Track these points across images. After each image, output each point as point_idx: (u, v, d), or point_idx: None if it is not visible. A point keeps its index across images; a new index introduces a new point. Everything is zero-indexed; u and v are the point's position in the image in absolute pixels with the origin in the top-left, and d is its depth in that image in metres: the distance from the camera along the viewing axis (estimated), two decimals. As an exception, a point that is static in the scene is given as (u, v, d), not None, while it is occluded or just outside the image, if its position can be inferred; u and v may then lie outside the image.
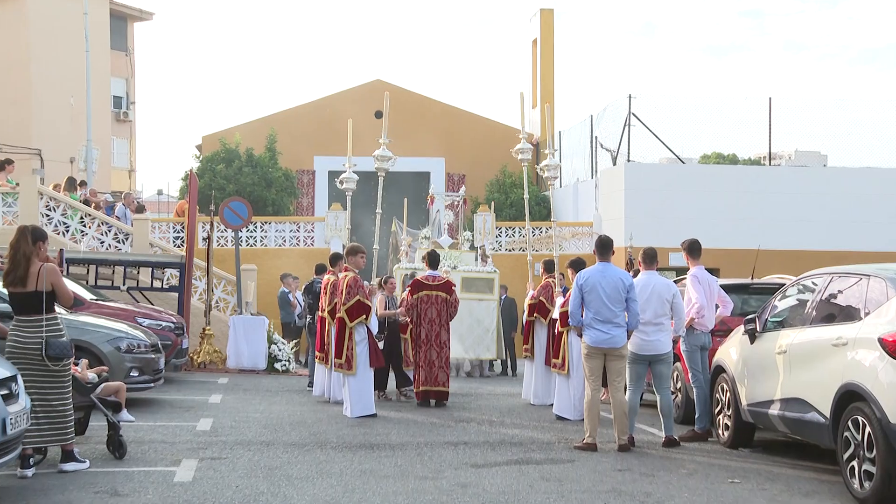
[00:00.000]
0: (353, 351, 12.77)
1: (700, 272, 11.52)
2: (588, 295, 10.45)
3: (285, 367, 19.44)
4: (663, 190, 25.77)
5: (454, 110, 34.18)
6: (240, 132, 31.64)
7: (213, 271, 20.65)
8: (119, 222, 22.94)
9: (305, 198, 32.80)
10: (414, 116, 32.21)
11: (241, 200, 22.02)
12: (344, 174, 16.63)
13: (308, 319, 16.58)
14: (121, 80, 41.90)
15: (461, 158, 33.22)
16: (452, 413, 13.40)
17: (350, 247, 13.43)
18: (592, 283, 10.44)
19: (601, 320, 10.38)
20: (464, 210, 23.06)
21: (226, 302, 22.47)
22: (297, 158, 32.31)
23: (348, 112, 26.93)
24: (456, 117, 33.73)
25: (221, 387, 16.34)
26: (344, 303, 12.82)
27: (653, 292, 10.73)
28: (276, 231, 26.87)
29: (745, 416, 10.43)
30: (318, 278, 16.42)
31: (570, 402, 13.01)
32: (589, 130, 29.33)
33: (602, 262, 10.61)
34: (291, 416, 12.75)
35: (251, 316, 20.10)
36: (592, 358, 10.49)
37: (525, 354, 15.02)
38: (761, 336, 10.27)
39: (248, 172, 29.91)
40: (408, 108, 31.98)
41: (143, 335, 13.31)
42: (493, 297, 20.11)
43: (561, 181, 31.13)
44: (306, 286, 17.21)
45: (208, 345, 19.61)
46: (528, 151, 15.82)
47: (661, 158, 29.02)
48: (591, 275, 10.51)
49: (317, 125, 32.54)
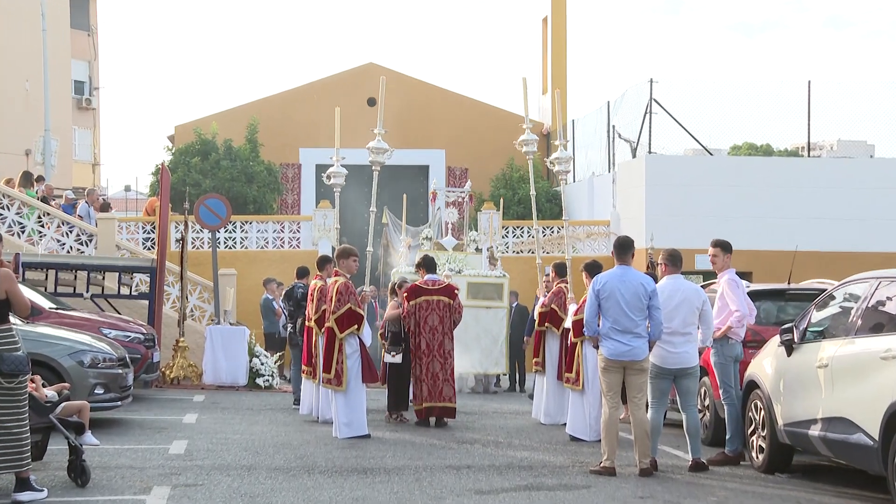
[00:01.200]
0: (343, 365, 12.76)
1: (735, 275, 11.52)
2: (605, 302, 10.43)
3: (268, 383, 19.44)
4: (688, 185, 25.77)
5: (455, 97, 34.16)
6: (217, 121, 31.62)
7: (187, 276, 20.65)
8: (82, 222, 22.93)
9: (290, 194, 32.78)
10: (411, 104, 32.20)
11: (219, 197, 22.03)
12: (332, 168, 16.62)
13: (289, 329, 16.58)
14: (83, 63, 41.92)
15: (464, 151, 33.20)
16: (454, 434, 13.38)
17: (340, 249, 13.43)
18: (610, 289, 10.42)
19: (620, 330, 10.36)
20: (469, 207, 23.04)
21: (202, 310, 22.47)
22: (281, 151, 32.29)
23: (338, 99, 26.93)
24: (457, 105, 33.71)
25: (197, 405, 16.33)
26: (333, 311, 12.83)
27: (683, 299, 10.72)
28: (258, 231, 26.86)
29: (782, 437, 10.41)
30: (298, 283, 16.42)
31: (586, 422, 12.99)
32: (605, 119, 29.32)
33: (621, 265, 10.60)
34: (275, 437, 12.72)
35: (230, 326, 20.10)
36: (610, 372, 10.46)
37: (535, 368, 15.02)
38: (799, 348, 10.24)
39: (227, 166, 29.90)
40: (404, 95, 31.96)
41: (109, 348, 13.29)
42: (502, 304, 20.11)
43: (574, 175, 31.09)
44: (286, 292, 17.22)
45: (182, 358, 19.61)
46: (534, 143, 15.79)
47: (685, 150, 29.00)
48: (608, 279, 10.49)
49: (303, 114, 32.54)
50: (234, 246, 26.55)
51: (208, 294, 22.36)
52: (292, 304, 16.37)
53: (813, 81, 27.14)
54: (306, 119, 32.40)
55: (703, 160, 27.32)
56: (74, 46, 40.06)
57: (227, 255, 25.50)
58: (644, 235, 23.85)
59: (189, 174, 29.56)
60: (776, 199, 25.93)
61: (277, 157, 32.15)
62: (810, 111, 27.15)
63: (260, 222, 27.17)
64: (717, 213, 25.32)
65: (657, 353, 10.65)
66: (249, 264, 25.68)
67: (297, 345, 16.13)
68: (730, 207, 25.62)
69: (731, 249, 11.69)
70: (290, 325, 16.47)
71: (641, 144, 26.92)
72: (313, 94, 32.92)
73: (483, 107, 34.36)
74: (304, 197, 32.82)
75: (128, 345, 15.75)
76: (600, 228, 27.50)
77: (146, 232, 26.09)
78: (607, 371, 10.49)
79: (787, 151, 34.46)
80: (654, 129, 26.71)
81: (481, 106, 34.39)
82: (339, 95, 30.07)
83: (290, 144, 32.67)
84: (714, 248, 11.66)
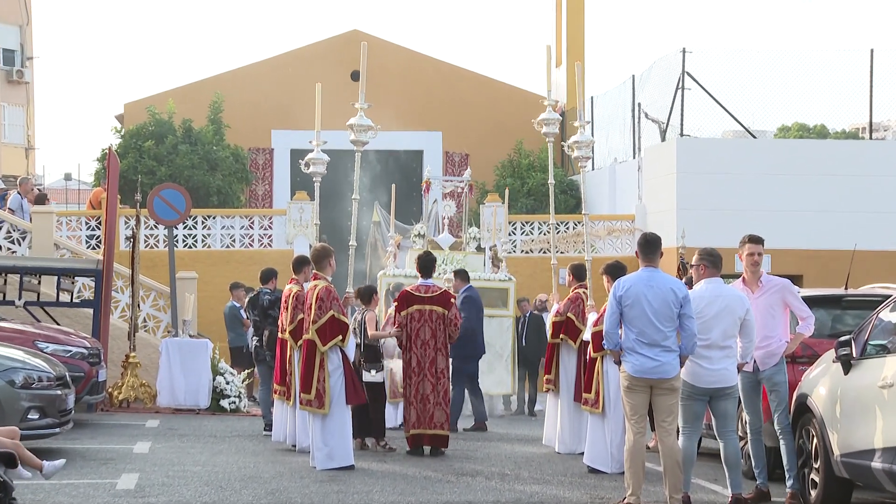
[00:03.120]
0: (325, 383, 12.79)
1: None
2: (630, 310, 10.44)
3: (235, 406, 19.48)
4: (727, 173, 25.78)
5: (454, 70, 34.19)
6: (174, 98, 31.67)
7: (139, 280, 20.67)
8: (13, 216, 22.94)
9: (261, 184, 32.83)
10: (402, 78, 32.25)
11: (177, 188, 22.05)
12: (311, 154, 16.65)
13: (255, 342, 16.60)
14: (13, 29, 41.83)
15: (463, 133, 33.25)
16: (452, 464, 13.40)
17: (318, 248, 13.46)
18: (635, 295, 10.43)
19: (646, 343, 10.37)
20: (469, 199, 23.07)
21: (156, 320, 22.48)
22: (249, 133, 32.33)
23: (317, 73, 26.93)
24: (457, 79, 33.74)
25: (150, 432, 16.35)
26: (314, 320, 12.86)
27: (724, 307, 10.74)
28: (223, 228, 26.89)
29: (839, 469, 10.41)
30: (265, 288, 16.46)
31: (607, 450, 13.02)
32: (630, 96, 29.37)
33: (647, 266, 10.61)
34: (243, 469, 12.74)
35: (190, 339, 20.12)
36: (635, 392, 10.48)
37: (548, 387, 15.03)
38: (859, 364, 10.25)
39: (186, 151, 29.94)
40: (394, 68, 32.01)
41: (46, 365, 13.28)
42: (507, 312, 20.14)
43: (594, 162, 31.13)
44: (250, 299, 17.25)
45: (133, 377, 19.63)
46: (556, 123, 15.84)
47: (724, 131, 29.02)
48: (633, 284, 10.50)
49: (276, 90, 32.56)
50: (195, 245, 26.57)
51: (164, 301, 22.36)
52: (257, 314, 16.39)
53: (876, 50, 27.19)
54: (280, 96, 32.43)
55: (745, 144, 27.36)
56: (2, 8, 40.02)
57: (186, 256, 25.52)
58: (674, 232, 23.87)
59: (141, 160, 29.60)
60: (831, 190, 25.96)
61: (246, 140, 32.20)
62: (873, 86, 27.19)
63: (225, 217, 27.19)
64: (761, 206, 25.34)
65: (690, 369, 10.65)
66: (213, 266, 25.70)
67: (263, 361, 16.17)
68: (776, 199, 25.64)
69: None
70: (256, 338, 16.50)
71: (672, 125, 26.96)
72: (288, 67, 32.95)
73: (486, 82, 34.39)
74: (278, 187, 32.87)
75: (68, 361, 15.74)
76: (623, 224, 27.53)
77: (90, 228, 26.10)
78: (632, 391, 10.50)
79: (844, 133, 34.52)
80: (687, 108, 26.78)
81: (484, 81, 34.42)
82: (318, 68, 30.11)
83: (261, 126, 32.71)
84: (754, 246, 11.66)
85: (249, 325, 20.40)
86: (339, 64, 31.65)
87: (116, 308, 21.99)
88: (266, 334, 16.03)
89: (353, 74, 31.70)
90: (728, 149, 26.81)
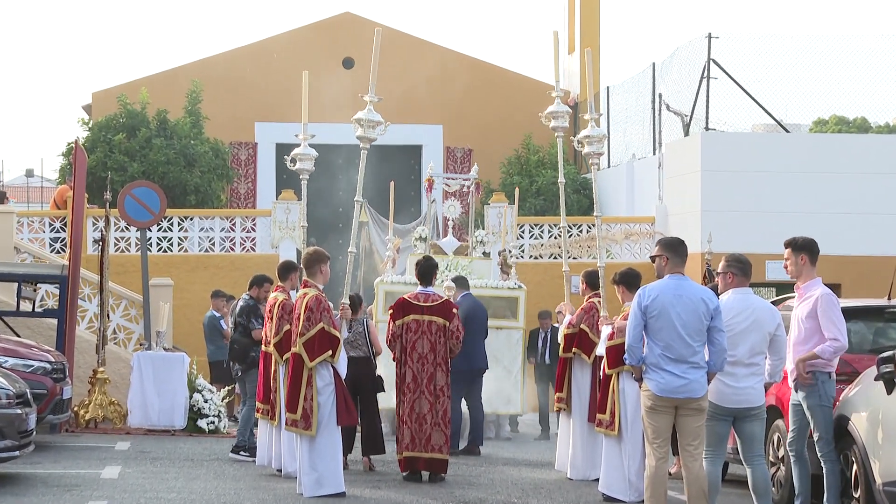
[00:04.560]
0: (313, 402, 12.78)
1: (830, 291, 11.45)
2: (655, 321, 10.42)
3: (214, 426, 19.45)
4: (757, 170, 25.73)
5: (456, 57, 34.15)
6: (148, 87, 31.63)
7: (108, 288, 20.66)
8: (-31, 217, 22.91)
9: (243, 182, 32.84)
10: (399, 66, 32.15)
11: (151, 186, 22.00)
12: (298, 149, 16.61)
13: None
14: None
15: (467, 126, 33.23)
16: (454, 491, 13.40)
17: (309, 253, 13.44)
18: (662, 305, 10.41)
19: (672, 358, 10.36)
20: (475, 200, 23.05)
21: (128, 332, 22.44)
22: (231, 126, 32.32)
23: (305, 60, 26.94)
24: (459, 68, 33.67)
25: (120, 455, 16.32)
26: (301, 333, 12.86)
27: (753, 320, 10.74)
28: (202, 230, 26.85)
29: (882, 499, 10.40)
30: (249, 295, 16.39)
31: (624, 477, 13.03)
32: (650, 85, 29.35)
33: (675, 273, 10.58)
34: (222, 496, 12.72)
35: (164, 352, 20.09)
36: (658, 413, 10.46)
37: (559, 407, 15.04)
38: (904, 383, 10.25)
39: (161, 145, 29.91)
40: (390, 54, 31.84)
41: (5, 381, 13.28)
42: (517, 324, 20.10)
43: (609, 159, 31.02)
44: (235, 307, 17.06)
45: (102, 394, 19.61)
46: (565, 116, 15.80)
47: (754, 125, 28.98)
48: (660, 292, 10.47)
49: (260, 79, 32.57)
50: (171, 248, 26.55)
51: (136, 311, 22.34)
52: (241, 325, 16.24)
53: (925, 36, 27.12)
54: (264, 85, 32.43)
55: (777, 139, 27.31)
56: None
57: (160, 261, 25.50)
58: (699, 236, 23.83)
59: (111, 155, 29.57)
60: (873, 190, 25.90)
61: (226, 133, 32.16)
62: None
63: (204, 218, 27.15)
64: (795, 207, 25.25)
65: (713, 387, 10.65)
66: (190, 272, 25.69)
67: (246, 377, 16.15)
68: (811, 200, 25.54)
69: (818, 252, 11.64)
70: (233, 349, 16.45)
71: (696, 118, 26.93)
72: (273, 53, 32.95)
73: (492, 70, 34.37)
74: (262, 186, 32.87)
75: (29, 377, 15.72)
76: (642, 227, 27.50)
77: (55, 230, 26.08)
78: (655, 412, 10.47)
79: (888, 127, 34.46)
80: (713, 99, 26.71)
81: (490, 69, 34.40)
82: (306, 55, 30.11)
83: (243, 118, 32.70)
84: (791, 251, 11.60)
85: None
86: (330, 50, 31.67)
87: (83, 318, 21.96)
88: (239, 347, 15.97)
89: (346, 62, 31.68)
90: (758, 144, 26.75)
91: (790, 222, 24.01)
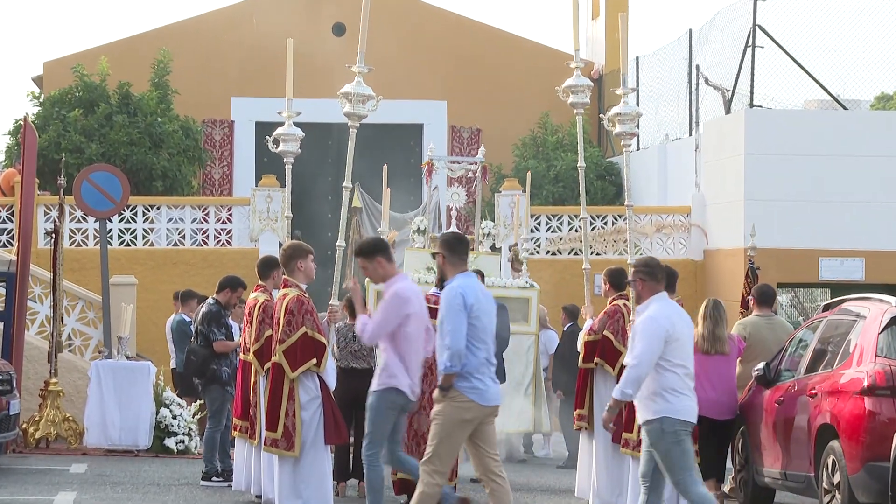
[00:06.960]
0: (296, 418, 12.79)
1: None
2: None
3: (183, 446, 19.47)
4: (809, 153, 25.59)
5: (463, 23, 34.11)
6: (108, 56, 31.61)
7: (63, 287, 20.73)
8: None
9: (218, 166, 32.85)
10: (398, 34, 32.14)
11: (111, 170, 22.02)
12: (280, 129, 16.68)
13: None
14: None
15: (474, 103, 33.18)
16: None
17: (287, 247, 13.48)
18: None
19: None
20: (482, 187, 23.10)
21: (85, 337, 22.42)
22: (204, 101, 32.29)
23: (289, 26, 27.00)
24: (465, 35, 33.64)
25: (76, 479, 16.32)
26: (280, 339, 12.88)
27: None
28: (170, 221, 26.88)
29: None
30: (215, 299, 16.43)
31: (653, 504, 13.13)
32: (686, 56, 29.32)
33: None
34: (192, 525, 12.85)
35: (127, 361, 20.11)
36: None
37: (579, 425, 15.02)
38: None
39: (123, 123, 29.92)
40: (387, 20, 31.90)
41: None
42: (528, 328, 20.04)
43: (639, 140, 31.07)
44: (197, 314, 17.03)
45: (54, 409, 19.59)
46: (585, 91, 15.79)
47: (806, 101, 28.88)
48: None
49: (236, 47, 32.53)
50: (134, 242, 26.58)
51: (94, 313, 22.33)
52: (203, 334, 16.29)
53: None
54: (242, 55, 32.43)
55: (833, 117, 27.21)
56: None
57: (123, 256, 25.55)
58: (742, 229, 23.76)
59: (66, 134, 29.57)
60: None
61: (199, 110, 32.09)
62: None
63: (173, 207, 27.18)
64: (852, 196, 25.09)
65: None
66: (156, 269, 25.73)
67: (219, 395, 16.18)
68: (871, 188, 25.38)
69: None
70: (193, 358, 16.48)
71: (739, 93, 26.89)
72: (252, 18, 32.90)
73: (504, 37, 34.28)
74: (239, 170, 32.83)
75: (-29, 389, 15.85)
76: (676, 218, 27.43)
77: (1, 220, 26.17)
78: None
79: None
80: (759, 71, 26.66)
81: (502, 37, 34.31)
82: (290, 20, 30.03)
83: (218, 92, 32.68)
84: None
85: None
86: (317, 14, 31.62)
87: (34, 322, 21.92)
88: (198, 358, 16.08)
89: (336, 27, 31.73)
90: (811, 123, 26.59)
91: (848, 213, 24.05)
